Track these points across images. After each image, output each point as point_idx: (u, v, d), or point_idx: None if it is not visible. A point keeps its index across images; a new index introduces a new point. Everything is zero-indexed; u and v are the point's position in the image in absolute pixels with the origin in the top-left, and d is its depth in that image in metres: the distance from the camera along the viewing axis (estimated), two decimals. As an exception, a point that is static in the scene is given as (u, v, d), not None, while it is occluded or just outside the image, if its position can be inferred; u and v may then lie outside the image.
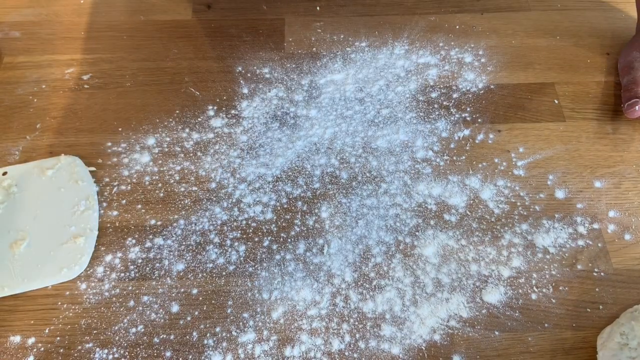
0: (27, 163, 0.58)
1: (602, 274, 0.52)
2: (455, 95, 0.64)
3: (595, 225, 0.55)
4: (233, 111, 0.63)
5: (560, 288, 0.51)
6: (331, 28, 0.70)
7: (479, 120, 0.62)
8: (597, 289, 0.51)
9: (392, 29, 0.70)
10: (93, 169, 0.58)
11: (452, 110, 0.63)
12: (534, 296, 0.51)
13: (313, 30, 0.70)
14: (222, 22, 0.70)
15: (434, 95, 0.64)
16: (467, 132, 0.61)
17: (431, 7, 0.72)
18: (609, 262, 0.53)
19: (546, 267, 0.52)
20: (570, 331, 0.49)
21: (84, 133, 0.61)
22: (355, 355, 0.48)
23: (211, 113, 0.62)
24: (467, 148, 0.60)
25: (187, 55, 0.67)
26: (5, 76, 0.65)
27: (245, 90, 0.64)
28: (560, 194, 0.57)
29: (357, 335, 0.49)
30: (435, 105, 0.63)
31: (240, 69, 0.66)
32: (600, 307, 0.50)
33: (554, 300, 0.51)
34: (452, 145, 0.60)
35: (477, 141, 0.60)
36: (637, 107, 0.59)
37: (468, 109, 0.63)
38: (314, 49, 0.68)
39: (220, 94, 0.64)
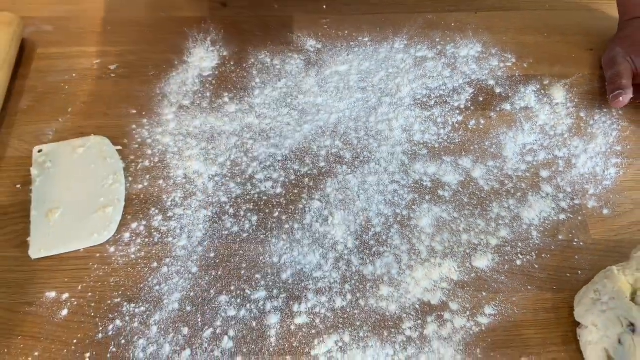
0: (60, 142, 0.64)
1: (581, 243, 0.57)
2: (449, 85, 0.69)
3: (577, 201, 0.60)
4: (247, 98, 0.69)
5: (543, 255, 0.57)
6: (336, 24, 0.76)
7: (472, 107, 0.68)
8: (576, 257, 0.57)
9: (392, 26, 0.76)
10: (119, 147, 0.64)
11: (446, 98, 0.68)
12: (518, 262, 0.56)
13: (320, 26, 0.76)
14: (236, 19, 0.76)
15: (430, 85, 0.70)
16: (460, 117, 0.67)
17: (429, 6, 0.78)
18: (588, 234, 0.58)
19: (530, 237, 0.58)
20: (551, 293, 0.54)
21: (111, 116, 0.67)
22: (355, 311, 0.53)
23: (226, 100, 0.68)
24: (461, 132, 0.66)
25: (204, 48, 0.73)
26: (38, 65, 0.71)
27: (258, 80, 0.70)
28: (544, 174, 0.62)
29: (358, 295, 0.54)
30: (432, 94, 0.69)
31: (252, 60, 0.72)
32: (579, 272, 0.56)
33: (536, 266, 0.56)
34: (446, 130, 0.66)
35: (469, 126, 0.66)
36: (621, 97, 0.64)
37: (462, 98, 0.68)
38: (321, 43, 0.74)
39: (235, 83, 0.70)
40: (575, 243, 0.57)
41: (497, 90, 0.69)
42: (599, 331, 0.48)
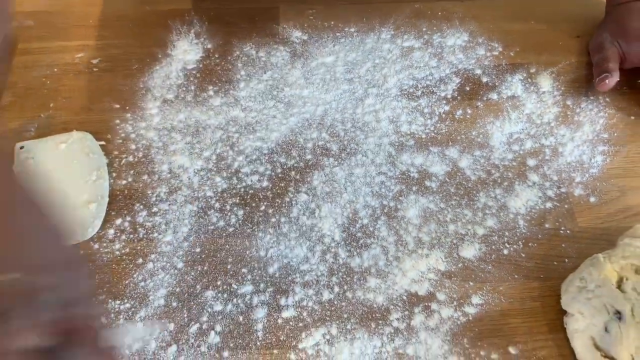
0: (42, 138, 0.63)
1: (568, 231, 0.57)
2: (436, 75, 0.69)
3: (563, 189, 0.60)
4: (232, 91, 0.68)
5: (530, 244, 0.56)
6: (322, 15, 0.75)
7: (458, 97, 0.67)
8: (563, 245, 0.56)
9: (379, 16, 0.75)
10: (103, 143, 0.63)
11: (433, 88, 0.68)
12: (505, 251, 0.56)
13: (305, 17, 0.75)
14: (221, 10, 0.75)
15: (417, 75, 0.69)
16: (447, 107, 0.66)
17: (416, -5, 0.78)
18: (574, 221, 0.58)
19: (517, 226, 0.58)
20: (538, 282, 0.54)
21: (94, 111, 0.66)
22: (343, 303, 0.53)
23: (211, 93, 0.68)
24: (447, 122, 0.65)
25: (188, 41, 0.72)
26: (20, 61, 0.70)
27: (243, 73, 0.70)
28: (531, 162, 0.62)
29: (345, 287, 0.54)
30: (418, 85, 0.68)
31: (237, 53, 0.71)
32: (566, 260, 0.55)
33: (523, 255, 0.56)
34: (433, 120, 0.65)
35: (456, 116, 0.66)
36: (607, 80, 0.64)
37: (448, 87, 0.68)
38: (307, 34, 0.73)
39: (220, 75, 0.69)
40: (562, 231, 0.57)
41: (484, 80, 0.69)
42: (586, 319, 0.48)
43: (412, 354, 0.50)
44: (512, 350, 0.50)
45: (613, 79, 0.64)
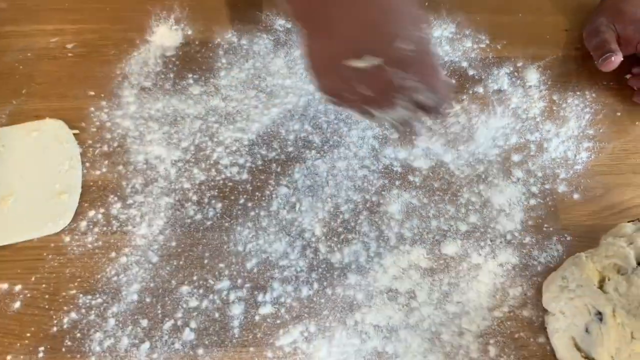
0: (14, 125, 0.61)
1: (551, 229, 0.57)
2: (422, 67, 0.67)
3: (547, 186, 0.59)
4: (212, 80, 0.66)
5: (512, 242, 0.56)
6: (307, 3, 0.73)
7: (444, 90, 0.66)
8: (546, 243, 0.56)
9: (365, 5, 0.73)
10: (77, 131, 0.61)
11: (419, 80, 0.66)
12: (487, 248, 0.55)
13: (289, 4, 0.73)
14: (202, -4, 0.73)
15: (402, 67, 0.67)
16: (432, 100, 0.65)
17: (403, -15, 0.76)
18: (558, 219, 0.57)
19: (500, 222, 0.57)
20: (520, 279, 0.54)
21: (68, 98, 0.63)
22: (322, 300, 0.52)
23: (190, 81, 0.65)
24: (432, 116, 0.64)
25: (167, 26, 0.70)
26: (-9, 44, 0.68)
27: (224, 61, 0.67)
28: (516, 158, 0.61)
29: (325, 283, 0.53)
30: (404, 76, 0.67)
31: (218, 40, 0.69)
32: (548, 258, 0.55)
33: (505, 252, 0.55)
34: (418, 113, 0.64)
35: (441, 110, 0.64)
36: (612, 58, 0.62)
37: (434, 80, 0.66)
38: (290, 22, 0.71)
39: (200, 63, 0.67)
40: (545, 229, 0.57)
41: (470, 73, 0.67)
42: (566, 319, 0.48)
43: (392, 352, 0.49)
44: (491, 349, 0.50)
45: (618, 57, 0.62)
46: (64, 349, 0.49)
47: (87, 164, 0.59)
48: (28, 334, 0.49)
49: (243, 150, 0.61)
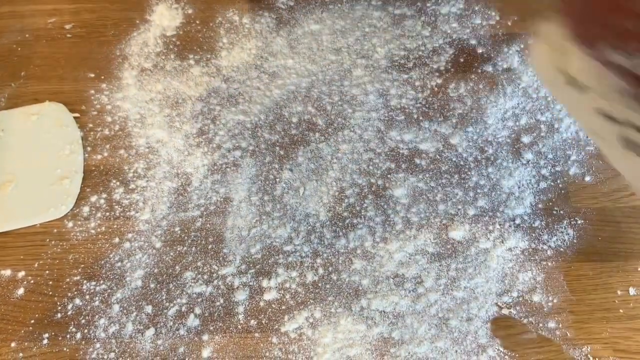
0: (13, 109, 0.60)
1: (561, 212, 0.55)
2: (429, 46, 0.66)
3: (558, 168, 0.58)
4: (213, 60, 0.64)
5: (522, 225, 0.55)
6: (310, -20, 0.71)
7: (452, 69, 0.64)
8: (556, 226, 0.55)
9: (370, -19, 0.71)
10: (77, 115, 0.60)
11: (425, 60, 0.65)
12: (496, 233, 0.54)
13: (292, -19, 0.71)
14: (203, -26, 0.71)
15: (409, 45, 0.66)
16: (439, 80, 0.63)
17: (409, -41, 0.73)
18: (568, 202, 0.56)
19: (509, 206, 0.55)
20: (529, 264, 0.53)
21: (68, 81, 0.62)
22: (327, 285, 0.51)
23: (192, 62, 0.64)
24: (440, 96, 0.62)
25: (167, 5, 0.68)
26: (-13, 25, 0.66)
27: (225, 40, 0.66)
28: (526, 139, 0.59)
29: (330, 269, 0.52)
30: (410, 56, 0.65)
31: (220, 19, 0.67)
32: (558, 242, 0.54)
33: (515, 236, 0.54)
34: (425, 94, 0.62)
35: (449, 89, 0.63)
36: None
37: (441, 59, 0.65)
38: (293, 0, 0.69)
39: (201, 43, 0.65)
40: (554, 212, 0.55)
41: (479, 51, 0.65)
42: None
43: (398, 338, 0.49)
44: (500, 334, 0.49)
45: None
46: (68, 336, 0.48)
47: (89, 148, 0.58)
48: (32, 321, 0.49)
49: (246, 133, 0.60)
